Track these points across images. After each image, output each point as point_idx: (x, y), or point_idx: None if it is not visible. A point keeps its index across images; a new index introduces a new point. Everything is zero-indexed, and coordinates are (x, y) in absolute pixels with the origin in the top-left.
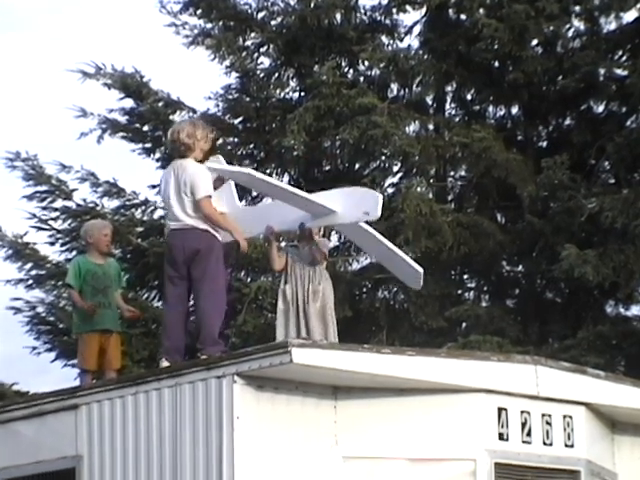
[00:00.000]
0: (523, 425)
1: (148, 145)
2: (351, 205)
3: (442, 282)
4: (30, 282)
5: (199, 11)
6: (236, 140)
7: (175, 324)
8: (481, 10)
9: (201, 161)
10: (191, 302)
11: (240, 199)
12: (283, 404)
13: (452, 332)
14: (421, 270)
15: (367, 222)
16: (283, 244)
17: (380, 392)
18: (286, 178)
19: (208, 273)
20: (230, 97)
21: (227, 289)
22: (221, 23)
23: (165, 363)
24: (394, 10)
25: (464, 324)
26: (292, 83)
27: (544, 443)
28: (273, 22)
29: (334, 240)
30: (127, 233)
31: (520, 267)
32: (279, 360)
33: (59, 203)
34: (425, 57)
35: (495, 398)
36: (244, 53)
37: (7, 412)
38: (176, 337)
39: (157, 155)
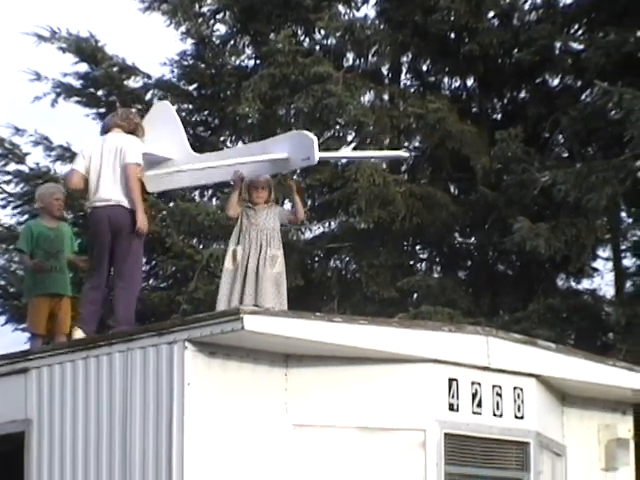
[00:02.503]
0: (473, 396)
1: (102, 110)
2: (291, 151)
3: (394, 252)
4: None
5: None
6: (191, 107)
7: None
8: None
9: None
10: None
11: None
12: (234, 371)
13: (403, 302)
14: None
15: None
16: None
17: (331, 360)
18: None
19: (132, 252)
20: (185, 63)
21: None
22: None
23: None
24: None
25: (415, 295)
26: (248, 50)
27: (494, 414)
28: None
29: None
30: (79, 198)
31: (472, 239)
32: (230, 327)
33: (12, 167)
34: (381, 27)
35: (446, 368)
36: (200, 19)
37: None
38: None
39: None
